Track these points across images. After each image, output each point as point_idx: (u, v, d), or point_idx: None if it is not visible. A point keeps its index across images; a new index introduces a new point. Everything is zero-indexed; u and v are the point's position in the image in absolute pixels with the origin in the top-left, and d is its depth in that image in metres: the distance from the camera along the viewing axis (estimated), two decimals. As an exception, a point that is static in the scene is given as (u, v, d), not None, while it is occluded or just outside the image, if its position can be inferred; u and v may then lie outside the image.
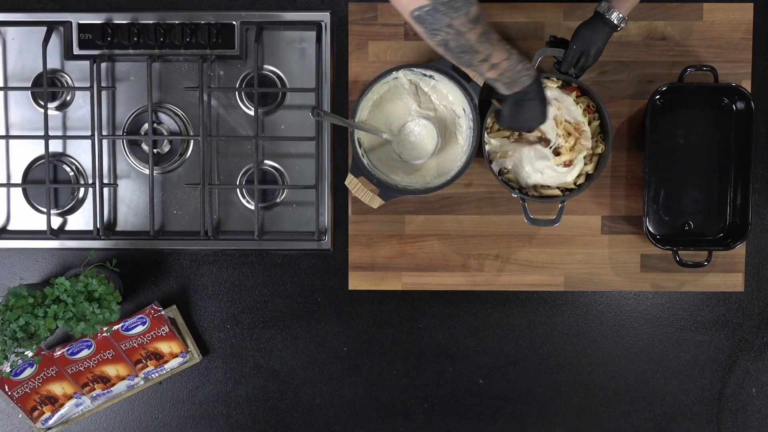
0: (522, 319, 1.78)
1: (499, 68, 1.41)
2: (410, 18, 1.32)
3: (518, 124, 1.55)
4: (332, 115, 1.62)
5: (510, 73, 1.43)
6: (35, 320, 1.56)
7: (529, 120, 1.54)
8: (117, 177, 1.78)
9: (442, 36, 1.33)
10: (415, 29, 1.34)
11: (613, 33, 1.58)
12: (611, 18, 1.56)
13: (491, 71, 1.41)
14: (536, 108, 1.51)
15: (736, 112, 1.71)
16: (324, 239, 1.75)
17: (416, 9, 1.29)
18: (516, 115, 1.52)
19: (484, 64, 1.40)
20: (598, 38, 1.57)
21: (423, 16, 1.30)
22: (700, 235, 1.74)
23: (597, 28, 1.57)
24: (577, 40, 1.58)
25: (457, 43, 1.34)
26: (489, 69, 1.41)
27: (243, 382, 1.79)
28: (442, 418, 1.80)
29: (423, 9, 1.29)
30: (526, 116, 1.52)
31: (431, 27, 1.32)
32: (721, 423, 1.79)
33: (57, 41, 1.76)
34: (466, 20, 1.32)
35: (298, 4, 1.76)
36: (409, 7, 1.30)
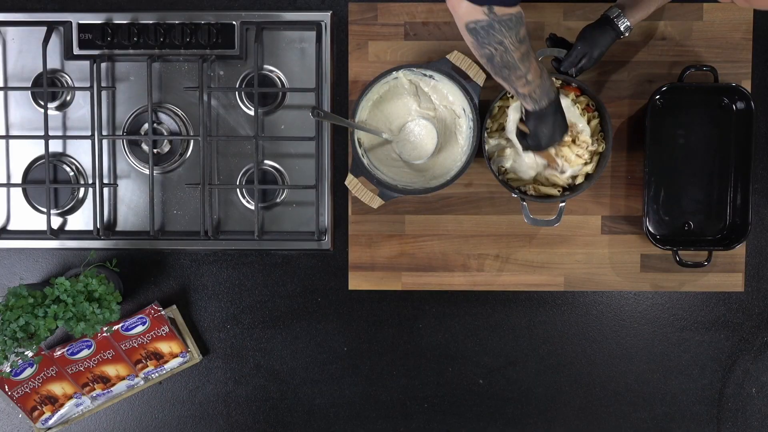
0: (522, 319, 1.78)
1: (532, 85, 1.45)
2: (464, 28, 1.36)
3: (545, 139, 1.55)
4: (332, 115, 1.62)
5: (540, 90, 1.47)
6: (35, 320, 1.56)
7: (554, 133, 1.54)
8: (117, 177, 1.78)
9: (490, 50, 1.37)
10: (465, 38, 1.38)
11: (617, 38, 1.58)
12: (619, 25, 1.57)
13: (525, 87, 1.45)
14: (559, 120, 1.53)
15: (736, 112, 1.71)
16: (324, 239, 1.75)
17: (472, 21, 1.34)
18: (542, 131, 1.53)
19: (520, 80, 1.44)
20: (603, 41, 1.58)
21: (478, 29, 1.35)
22: (700, 235, 1.74)
23: (604, 31, 1.57)
24: (583, 41, 1.58)
25: (502, 59, 1.39)
26: (523, 85, 1.45)
27: (243, 382, 1.80)
28: (442, 418, 1.80)
29: (479, 23, 1.34)
30: (551, 130, 1.53)
31: (483, 40, 1.36)
32: (721, 423, 1.79)
33: (57, 41, 1.76)
34: (516, 39, 1.37)
35: (298, 4, 1.76)
36: (466, 18, 1.34)
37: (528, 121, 1.54)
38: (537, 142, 1.56)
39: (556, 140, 1.57)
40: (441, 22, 1.73)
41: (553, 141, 1.56)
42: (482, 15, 1.33)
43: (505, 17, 1.33)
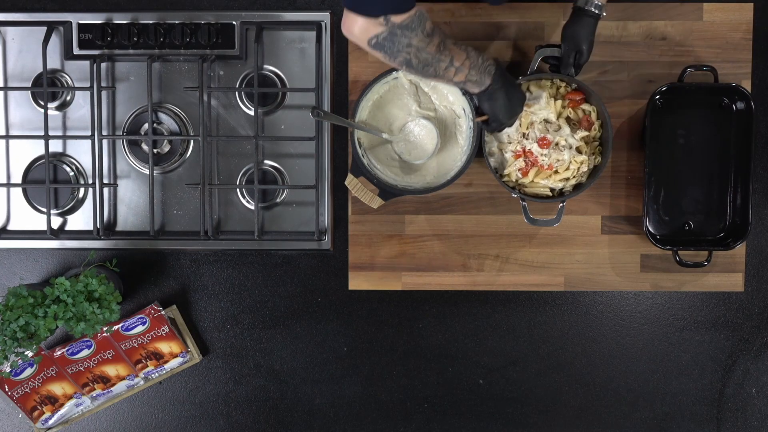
0: (522, 319, 1.78)
1: (464, 69, 1.43)
2: (368, 47, 1.33)
3: (505, 115, 1.54)
4: (332, 115, 1.62)
5: (475, 70, 1.44)
6: (35, 320, 1.56)
7: (512, 107, 1.53)
8: (117, 177, 1.78)
9: (403, 56, 1.35)
10: (374, 55, 1.36)
11: (597, 23, 1.57)
12: (591, 9, 1.55)
13: (458, 75, 1.43)
14: (512, 93, 1.51)
15: (736, 112, 1.71)
16: (324, 239, 1.75)
17: (373, 37, 1.31)
18: (498, 108, 1.51)
19: (449, 70, 1.41)
20: (586, 32, 1.57)
21: (381, 42, 1.32)
22: (700, 235, 1.74)
23: (581, 22, 1.57)
24: (567, 41, 1.58)
25: (419, 59, 1.36)
26: (455, 73, 1.42)
27: (243, 382, 1.79)
28: (442, 418, 1.80)
29: (380, 36, 1.31)
30: (507, 105, 1.51)
31: (391, 51, 1.34)
32: (721, 423, 1.79)
33: (57, 41, 1.76)
34: (423, 36, 1.34)
35: (298, 4, 1.76)
36: (365, 35, 1.31)
37: (481, 104, 1.53)
38: (498, 121, 1.55)
39: (516, 112, 1.56)
40: (441, 22, 1.73)
41: (514, 113, 1.55)
42: (380, 27, 1.29)
43: (405, 21, 1.30)
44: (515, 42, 1.73)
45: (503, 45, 1.73)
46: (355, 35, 1.32)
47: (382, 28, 1.30)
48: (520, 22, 1.73)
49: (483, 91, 1.50)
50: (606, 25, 1.72)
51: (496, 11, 1.73)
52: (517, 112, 1.56)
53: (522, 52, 1.74)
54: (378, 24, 1.29)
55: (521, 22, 1.73)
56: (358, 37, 1.32)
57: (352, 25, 1.31)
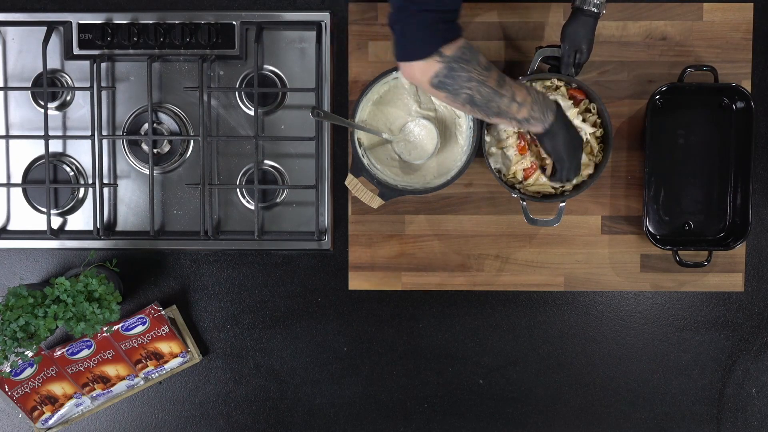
0: (522, 319, 1.78)
1: (526, 104, 1.41)
2: (431, 88, 1.33)
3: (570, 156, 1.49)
4: (332, 115, 1.62)
5: (538, 106, 1.43)
6: (35, 320, 1.56)
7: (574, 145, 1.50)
8: (117, 177, 1.78)
9: (465, 93, 1.34)
10: (438, 97, 1.35)
11: (597, 22, 1.57)
12: (590, 8, 1.55)
13: (521, 111, 1.41)
14: (573, 131, 1.49)
15: (736, 112, 1.71)
16: (324, 239, 1.75)
17: (434, 76, 1.31)
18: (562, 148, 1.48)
19: (512, 105, 1.40)
20: (585, 32, 1.56)
21: (442, 80, 1.32)
22: (700, 235, 1.74)
23: (580, 22, 1.56)
24: (566, 40, 1.58)
25: (481, 94, 1.35)
26: (518, 109, 1.41)
27: (243, 382, 1.80)
28: (442, 418, 1.80)
29: (440, 75, 1.31)
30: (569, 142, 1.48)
31: (454, 87, 1.33)
32: (721, 423, 1.79)
33: (57, 41, 1.76)
34: (481, 69, 1.34)
35: (298, 4, 1.76)
36: (425, 77, 1.31)
37: (543, 145, 1.50)
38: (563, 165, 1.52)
39: (579, 151, 1.53)
40: (441, 22, 1.73)
41: (577, 152, 1.52)
42: (437, 65, 1.30)
43: (457, 53, 1.31)
44: (515, 42, 1.73)
45: (503, 45, 1.73)
46: (418, 80, 1.33)
47: (440, 65, 1.30)
48: (520, 22, 1.73)
49: (546, 130, 1.46)
50: (606, 25, 1.72)
51: (496, 11, 1.73)
52: (579, 151, 1.52)
53: (522, 52, 1.74)
54: (434, 62, 1.30)
55: (521, 22, 1.73)
56: (421, 80, 1.32)
57: (412, 71, 1.31)
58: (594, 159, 1.65)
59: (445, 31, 1.30)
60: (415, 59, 1.29)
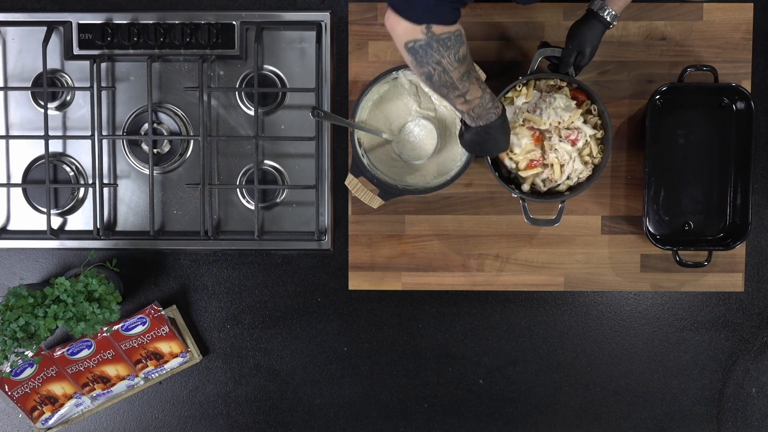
0: (522, 319, 1.78)
1: (471, 104, 1.45)
2: (403, 47, 1.35)
3: (477, 151, 1.57)
4: (332, 115, 1.62)
5: (479, 110, 1.46)
6: (35, 320, 1.56)
7: (489, 149, 1.56)
8: (117, 177, 1.78)
9: (428, 69, 1.37)
10: (404, 57, 1.38)
11: (606, 30, 1.58)
12: (605, 16, 1.56)
13: (463, 105, 1.45)
14: (497, 140, 1.53)
15: (736, 112, 1.71)
16: (324, 239, 1.75)
17: (411, 41, 1.34)
18: (476, 145, 1.54)
19: (458, 99, 1.44)
20: (592, 36, 1.57)
21: (416, 48, 1.34)
22: (700, 235, 1.74)
23: (591, 25, 1.57)
24: (573, 39, 1.58)
25: (441, 78, 1.39)
26: (462, 104, 1.45)
27: (243, 382, 1.80)
28: (442, 418, 1.80)
29: (417, 42, 1.33)
30: (486, 146, 1.54)
31: (421, 59, 1.36)
32: (721, 423, 1.79)
33: (57, 41, 1.76)
34: (454, 59, 1.36)
35: (298, 4, 1.76)
36: (404, 37, 1.34)
37: (464, 129, 1.54)
38: (469, 151, 1.59)
39: (491, 154, 1.61)
40: (441, 22, 1.73)
41: (481, 155, 1.60)
42: (420, 34, 1.32)
43: (444, 36, 1.33)
44: (515, 42, 1.73)
45: (503, 45, 1.73)
46: (396, 33, 1.35)
47: (422, 36, 1.32)
48: (520, 22, 1.73)
49: (470, 127, 1.51)
50: (606, 25, 1.72)
51: (496, 11, 1.73)
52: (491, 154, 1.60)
53: (522, 52, 1.74)
54: (419, 30, 1.32)
55: (521, 22, 1.73)
56: (399, 36, 1.35)
57: (396, 24, 1.33)
58: (593, 160, 1.65)
59: (446, 13, 1.32)
60: (407, 19, 1.31)
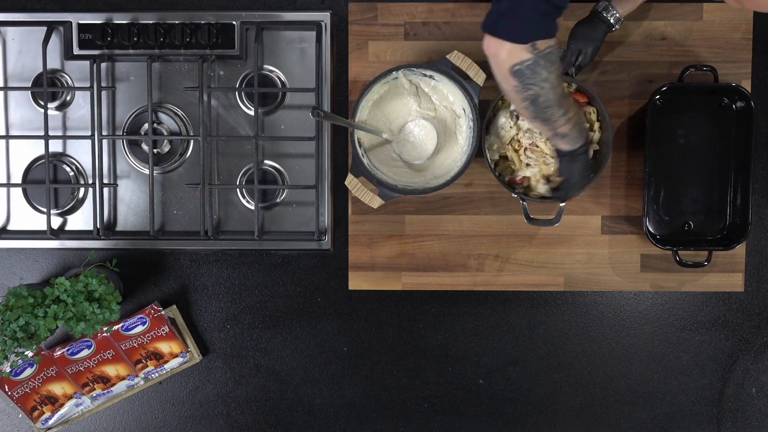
0: (522, 319, 1.78)
1: (571, 123, 1.41)
2: (506, 72, 1.30)
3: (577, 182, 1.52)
4: (332, 115, 1.62)
5: (577, 129, 1.43)
6: (35, 320, 1.56)
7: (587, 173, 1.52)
8: (117, 177, 1.78)
9: (534, 91, 1.32)
10: (506, 84, 1.33)
11: (608, 32, 1.58)
12: (609, 18, 1.56)
13: (565, 126, 1.41)
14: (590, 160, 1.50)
15: (736, 112, 1.71)
16: (324, 239, 1.75)
17: (518, 63, 1.29)
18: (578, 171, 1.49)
19: (562, 119, 1.40)
20: (595, 36, 1.58)
21: (523, 70, 1.29)
22: (700, 235, 1.74)
23: (594, 26, 1.57)
24: (575, 39, 1.58)
25: (546, 98, 1.34)
26: (564, 124, 1.41)
27: (243, 382, 1.80)
28: (442, 418, 1.80)
29: (524, 63, 1.28)
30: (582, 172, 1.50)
31: (528, 81, 1.31)
32: (721, 423, 1.79)
33: (57, 41, 1.76)
34: (558, 74, 1.33)
35: (298, 4, 1.76)
36: (510, 61, 1.29)
37: (561, 163, 1.51)
38: (569, 187, 1.54)
39: (585, 183, 1.54)
40: (441, 22, 1.73)
41: (584, 185, 1.54)
42: (527, 53, 1.27)
43: (547, 50, 1.29)
44: (515, 42, 1.73)
45: (503, 45, 1.73)
46: (500, 58, 1.30)
47: (529, 55, 1.28)
48: (520, 22, 1.73)
49: (570, 151, 1.47)
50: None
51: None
52: (586, 183, 1.53)
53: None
54: (525, 50, 1.27)
55: (521, 22, 1.73)
56: (503, 60, 1.29)
57: (499, 48, 1.28)
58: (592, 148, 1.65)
59: (551, 25, 1.27)
60: (512, 40, 1.26)
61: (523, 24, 1.25)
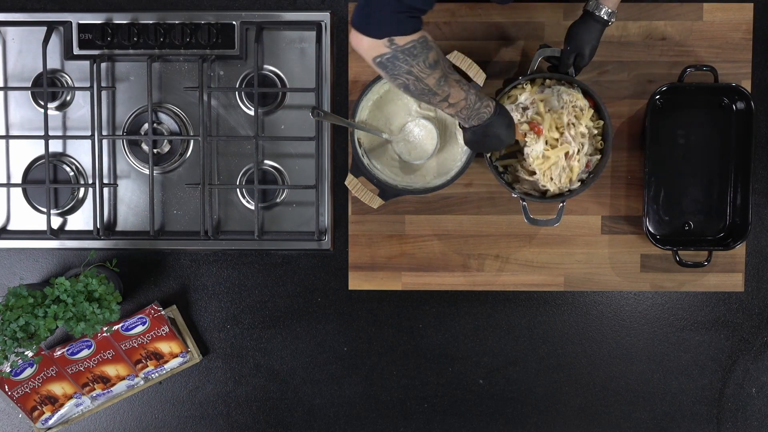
0: (522, 319, 1.78)
1: (456, 107, 1.46)
2: (372, 63, 1.37)
3: (478, 148, 1.58)
4: (332, 115, 1.62)
5: (467, 111, 1.47)
6: (35, 320, 1.56)
7: (491, 146, 1.56)
8: (117, 177, 1.78)
9: (402, 80, 1.39)
10: (378, 72, 1.40)
11: (604, 29, 1.57)
12: (601, 14, 1.56)
13: (449, 109, 1.46)
14: (498, 135, 1.53)
15: (736, 112, 1.71)
16: (324, 239, 1.75)
17: (378, 56, 1.35)
18: (477, 144, 1.55)
19: (442, 104, 1.45)
20: (590, 36, 1.57)
21: (384, 62, 1.36)
22: (700, 235, 1.74)
23: (588, 26, 1.57)
24: (571, 40, 1.58)
25: (417, 87, 1.40)
26: (447, 107, 1.46)
27: (243, 382, 1.79)
28: (442, 418, 1.80)
29: (384, 57, 1.35)
30: (487, 143, 1.54)
31: (392, 72, 1.38)
32: (721, 423, 1.79)
33: (57, 41, 1.76)
34: (425, 66, 1.38)
35: (298, 4, 1.76)
36: (371, 54, 1.36)
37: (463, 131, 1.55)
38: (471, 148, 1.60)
39: (492, 150, 1.60)
40: (441, 22, 1.73)
41: (489, 151, 1.60)
42: (384, 48, 1.33)
43: (408, 46, 1.34)
44: (515, 42, 1.73)
45: (503, 45, 1.73)
46: (361, 52, 1.37)
47: (387, 50, 1.34)
48: (520, 22, 1.73)
49: (464, 127, 1.53)
50: (606, 25, 1.72)
51: (496, 11, 1.73)
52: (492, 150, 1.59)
53: (522, 52, 1.74)
54: (382, 45, 1.33)
55: (521, 22, 1.73)
56: (365, 54, 1.37)
57: (359, 42, 1.35)
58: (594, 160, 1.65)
59: (405, 23, 1.33)
60: (368, 35, 1.33)
61: (377, 21, 1.31)
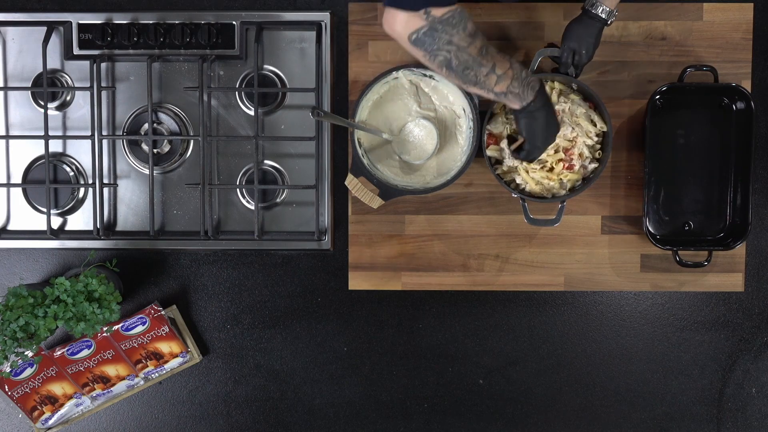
0: (522, 319, 1.78)
1: (506, 78, 1.39)
2: (408, 44, 1.31)
3: (542, 138, 1.49)
4: (332, 115, 1.62)
5: (517, 83, 1.40)
6: (35, 320, 1.56)
7: (550, 130, 1.49)
8: (117, 177, 1.78)
9: (443, 55, 1.32)
10: (415, 55, 1.33)
11: (603, 28, 1.57)
12: (599, 13, 1.54)
13: (499, 84, 1.39)
14: (551, 115, 1.47)
15: (736, 112, 1.71)
16: (324, 239, 1.75)
17: (413, 32, 1.29)
18: (537, 131, 1.47)
19: (490, 77, 1.38)
20: (588, 35, 1.56)
21: (421, 38, 1.30)
22: (700, 235, 1.74)
23: (586, 24, 1.56)
24: (569, 39, 1.57)
25: (459, 60, 1.33)
26: (496, 82, 1.39)
27: (243, 382, 1.80)
28: (442, 418, 1.80)
29: (420, 31, 1.29)
30: (546, 127, 1.47)
31: (431, 48, 1.31)
32: (721, 423, 1.79)
33: (57, 41, 1.76)
34: (465, 35, 1.32)
35: (298, 4, 1.76)
36: (405, 32, 1.29)
37: (518, 123, 1.50)
38: (534, 144, 1.52)
39: (553, 137, 1.53)
40: (441, 22, 1.73)
41: (549, 141, 1.52)
42: (421, 21, 1.28)
43: (446, 16, 1.29)
44: (515, 42, 1.73)
45: (503, 45, 1.73)
46: (396, 31, 1.30)
47: (423, 22, 1.28)
48: (520, 22, 1.73)
49: (524, 107, 1.45)
50: (606, 25, 1.72)
51: (496, 11, 1.73)
52: (553, 137, 1.51)
53: (522, 52, 1.74)
54: (419, 18, 1.27)
55: (521, 22, 1.73)
56: (400, 33, 1.30)
57: (393, 20, 1.29)
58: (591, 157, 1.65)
59: None
60: (402, 8, 1.27)
61: None
